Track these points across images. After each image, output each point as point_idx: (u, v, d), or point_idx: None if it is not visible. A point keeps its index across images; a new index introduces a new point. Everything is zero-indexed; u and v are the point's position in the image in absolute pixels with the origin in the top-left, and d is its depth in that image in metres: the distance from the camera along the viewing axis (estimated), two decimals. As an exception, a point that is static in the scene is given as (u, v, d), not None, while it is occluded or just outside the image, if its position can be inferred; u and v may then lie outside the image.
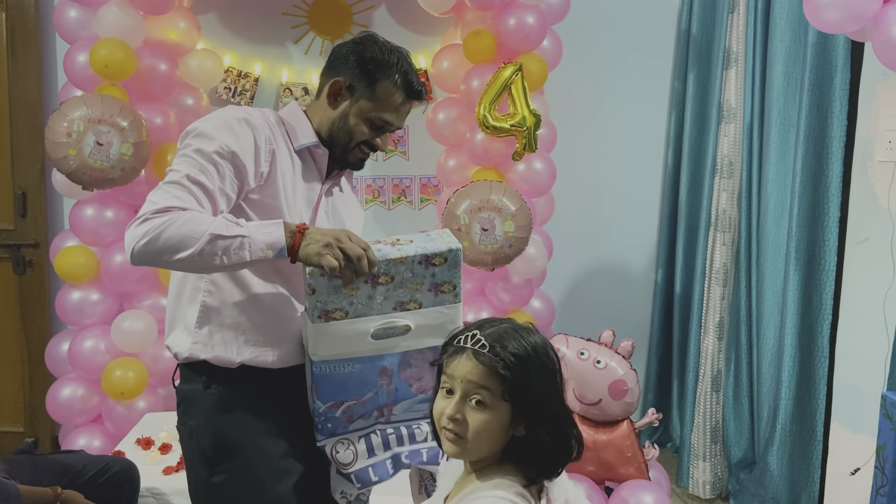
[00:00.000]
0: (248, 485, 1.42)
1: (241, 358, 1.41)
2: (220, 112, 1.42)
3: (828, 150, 2.56)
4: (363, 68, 1.46)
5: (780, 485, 2.69)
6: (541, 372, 1.13)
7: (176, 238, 1.25)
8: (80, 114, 2.55)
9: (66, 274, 2.81)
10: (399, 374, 1.43)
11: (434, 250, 1.38)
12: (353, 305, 1.36)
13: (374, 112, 1.47)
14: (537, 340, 1.16)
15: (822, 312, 2.61)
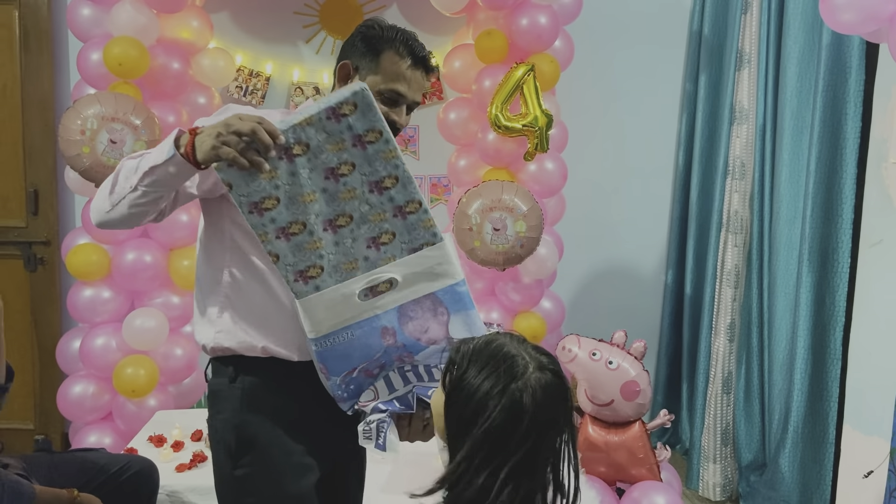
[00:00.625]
0: (268, 479, 1.43)
1: (263, 343, 1.41)
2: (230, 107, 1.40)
3: (842, 151, 2.55)
4: (366, 45, 1.46)
5: (792, 487, 2.68)
6: (484, 386, 1.02)
7: (108, 181, 1.34)
8: (94, 112, 2.56)
9: (78, 271, 2.81)
10: (402, 330, 1.36)
11: (338, 99, 1.24)
12: (279, 189, 1.24)
13: (382, 84, 1.44)
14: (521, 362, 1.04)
15: (835, 314, 2.60)
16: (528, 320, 2.98)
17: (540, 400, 1.02)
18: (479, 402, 1.02)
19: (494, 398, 1.01)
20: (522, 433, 1.01)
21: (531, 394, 1.02)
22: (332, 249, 1.30)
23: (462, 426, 1.03)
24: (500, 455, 1.01)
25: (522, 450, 1.01)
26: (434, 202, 3.38)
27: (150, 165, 1.25)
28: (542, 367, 1.05)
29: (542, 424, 1.02)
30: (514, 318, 3.02)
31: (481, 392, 1.02)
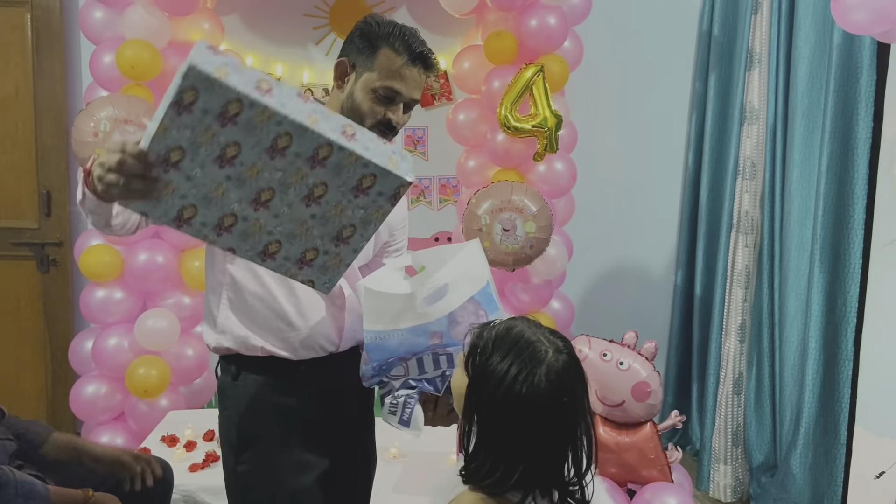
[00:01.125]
0: (268, 475, 1.44)
1: (261, 343, 1.43)
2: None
3: (853, 151, 2.54)
4: (363, 41, 1.43)
5: (803, 488, 2.67)
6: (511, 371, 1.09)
7: None
8: (107, 114, 2.58)
9: (91, 272, 2.83)
10: (449, 333, 1.40)
11: (175, 91, 1.07)
12: (186, 197, 1.17)
13: (378, 82, 1.41)
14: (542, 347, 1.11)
15: (846, 315, 2.59)
16: (537, 321, 2.98)
17: (561, 382, 1.10)
18: (507, 387, 1.08)
19: (520, 383, 1.08)
20: (547, 413, 1.09)
21: (554, 376, 1.09)
22: (274, 223, 1.23)
23: (491, 410, 1.10)
24: (524, 435, 1.09)
25: (543, 426, 1.09)
26: (443, 203, 3.39)
27: (78, 199, 1.28)
28: (559, 351, 1.12)
29: (564, 404, 1.10)
30: (523, 319, 3.02)
31: (509, 377, 1.09)
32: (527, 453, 1.09)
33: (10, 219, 3.20)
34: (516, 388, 1.08)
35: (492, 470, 1.10)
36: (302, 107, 1.15)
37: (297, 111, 1.14)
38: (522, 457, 1.09)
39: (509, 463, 1.09)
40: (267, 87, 1.12)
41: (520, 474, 1.09)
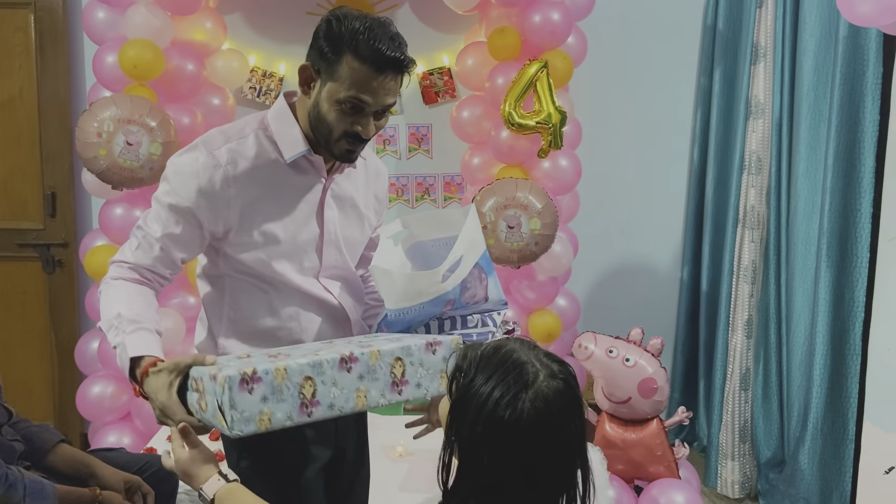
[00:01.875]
0: (271, 469, 1.45)
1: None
2: (189, 161, 1.37)
3: (860, 144, 2.53)
4: (326, 45, 1.30)
5: (812, 484, 2.66)
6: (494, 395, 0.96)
7: (100, 313, 1.38)
8: (110, 114, 2.58)
9: (96, 273, 2.83)
10: (460, 299, 1.48)
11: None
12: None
13: (343, 93, 1.30)
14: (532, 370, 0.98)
15: (854, 310, 2.57)
16: (543, 318, 2.97)
17: (551, 409, 0.96)
18: (489, 412, 0.96)
19: (503, 408, 0.96)
20: (532, 444, 0.96)
21: (542, 402, 0.96)
22: None
23: (471, 438, 0.98)
24: (506, 469, 0.97)
25: (530, 460, 0.97)
26: (448, 200, 3.38)
27: (115, 352, 1.32)
28: (553, 376, 0.99)
29: (554, 436, 0.98)
30: (529, 316, 3.01)
31: (491, 401, 0.96)
32: (511, 491, 0.97)
33: (16, 220, 3.20)
34: (498, 412, 0.95)
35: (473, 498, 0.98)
36: (346, 387, 1.17)
37: (345, 400, 1.17)
38: (506, 495, 0.97)
39: (491, 502, 0.97)
40: (311, 394, 1.14)
41: None
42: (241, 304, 1.46)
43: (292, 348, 1.32)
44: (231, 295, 1.46)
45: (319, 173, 1.46)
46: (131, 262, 1.39)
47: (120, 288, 1.37)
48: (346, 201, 1.52)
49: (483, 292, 1.49)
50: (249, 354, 1.27)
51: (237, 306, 1.46)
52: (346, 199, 1.52)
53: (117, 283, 1.38)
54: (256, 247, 1.42)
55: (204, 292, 1.51)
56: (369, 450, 1.73)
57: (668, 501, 2.20)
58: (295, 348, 1.31)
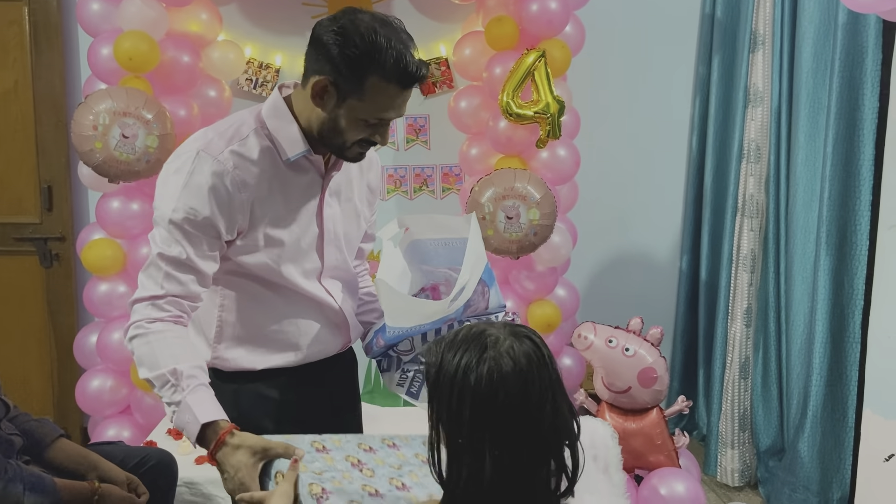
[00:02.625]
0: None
1: (261, 366, 1.43)
2: (195, 171, 1.32)
3: (859, 132, 2.52)
4: (347, 63, 1.25)
5: (811, 472, 2.66)
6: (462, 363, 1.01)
7: (142, 362, 1.29)
8: (106, 107, 2.56)
9: (93, 267, 2.83)
10: (462, 316, 1.46)
11: None
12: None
13: (369, 114, 1.30)
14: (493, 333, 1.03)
15: (853, 297, 2.57)
16: (542, 308, 2.97)
17: (517, 366, 1.00)
18: (459, 382, 1.00)
19: (470, 372, 0.99)
20: (505, 400, 0.99)
21: (508, 359, 1.00)
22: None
23: (449, 415, 1.01)
24: (488, 428, 0.99)
25: (509, 417, 0.99)
26: (446, 192, 3.37)
27: (170, 409, 1.28)
28: (516, 335, 1.03)
29: (525, 389, 1.00)
30: (528, 307, 3.01)
31: (459, 372, 1.00)
32: (497, 461, 0.99)
33: (12, 214, 3.19)
34: (467, 379, 0.99)
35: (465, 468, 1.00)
36: (385, 476, 1.26)
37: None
38: (495, 467, 0.99)
39: (478, 457, 0.99)
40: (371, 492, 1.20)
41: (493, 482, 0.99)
42: (237, 309, 1.42)
43: (366, 456, 1.32)
44: (226, 299, 1.43)
45: (319, 172, 1.44)
46: (163, 294, 1.30)
47: (164, 335, 1.29)
48: (342, 196, 1.50)
49: (485, 304, 1.48)
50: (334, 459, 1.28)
51: (233, 311, 1.43)
52: (343, 195, 1.50)
53: (156, 327, 1.29)
54: (260, 249, 1.39)
55: None
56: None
57: (669, 490, 2.20)
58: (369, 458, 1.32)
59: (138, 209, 2.81)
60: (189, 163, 1.32)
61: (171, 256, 1.31)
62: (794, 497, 2.71)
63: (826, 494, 2.66)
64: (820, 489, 2.66)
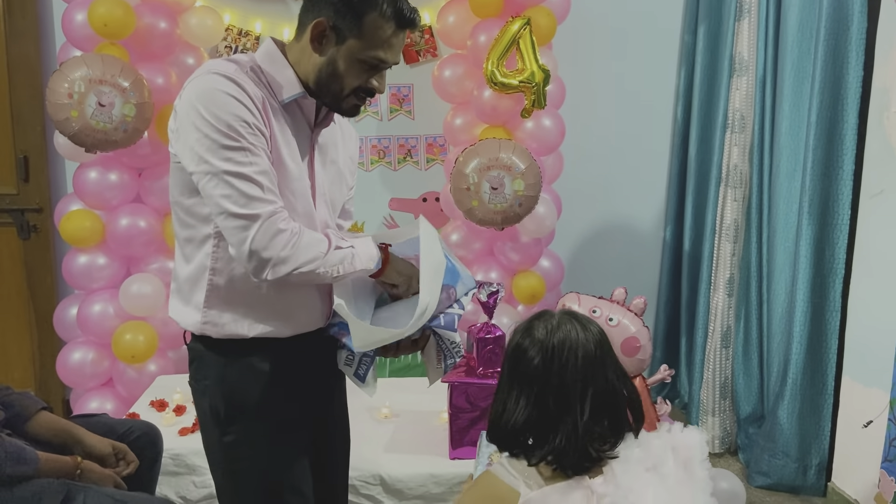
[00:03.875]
0: (259, 443, 1.43)
1: (252, 333, 1.39)
2: (212, 84, 1.28)
3: (843, 101, 2.51)
4: (346, 3, 1.30)
5: (791, 438, 2.70)
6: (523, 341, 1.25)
7: (304, 259, 1.30)
8: (81, 74, 2.50)
9: (72, 238, 2.79)
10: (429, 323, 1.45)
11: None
12: None
13: (366, 52, 1.32)
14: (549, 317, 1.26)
15: (834, 267, 2.59)
16: (527, 279, 2.97)
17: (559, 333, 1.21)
18: (516, 347, 1.23)
19: (524, 339, 1.23)
20: (563, 364, 1.19)
21: (555, 327, 1.22)
22: None
23: (510, 379, 1.24)
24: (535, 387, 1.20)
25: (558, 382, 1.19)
26: (430, 162, 3.34)
27: (357, 268, 1.37)
28: (569, 314, 1.25)
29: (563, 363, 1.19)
30: (513, 278, 3.01)
31: (525, 342, 1.22)
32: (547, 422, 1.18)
33: (-12, 185, 3.13)
34: (523, 344, 1.21)
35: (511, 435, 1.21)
36: None
37: None
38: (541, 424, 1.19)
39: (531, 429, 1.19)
40: None
41: (537, 443, 1.19)
42: (228, 272, 1.36)
43: None
44: (218, 262, 1.36)
45: (308, 120, 1.42)
46: (278, 202, 1.29)
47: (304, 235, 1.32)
48: (327, 157, 1.48)
49: (450, 301, 1.47)
50: None
51: (224, 274, 1.37)
52: (328, 156, 1.48)
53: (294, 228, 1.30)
54: None
55: (188, 257, 1.40)
56: (355, 411, 1.74)
57: (651, 457, 2.23)
58: None
59: (116, 180, 2.77)
60: (209, 85, 1.28)
61: (253, 164, 1.27)
62: (774, 463, 2.75)
63: (805, 460, 2.71)
64: (799, 455, 2.71)
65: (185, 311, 1.41)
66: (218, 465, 1.47)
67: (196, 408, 1.48)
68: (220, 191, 1.25)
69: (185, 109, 1.28)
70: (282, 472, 1.45)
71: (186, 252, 1.39)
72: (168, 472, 2.18)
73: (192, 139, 1.27)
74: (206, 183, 1.27)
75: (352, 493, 2.17)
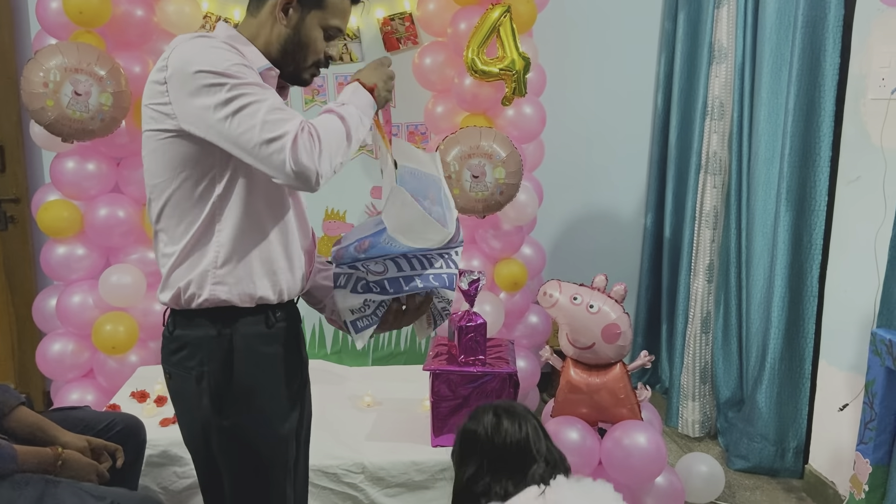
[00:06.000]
0: (259, 425, 1.44)
1: (260, 293, 1.40)
2: (199, 44, 1.30)
3: (820, 88, 2.53)
4: None
5: (769, 422, 2.74)
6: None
7: (335, 141, 1.30)
8: (56, 63, 2.47)
9: (50, 229, 2.76)
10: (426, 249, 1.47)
11: None
12: None
13: (329, 20, 1.41)
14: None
15: (811, 252, 2.62)
16: (508, 267, 2.98)
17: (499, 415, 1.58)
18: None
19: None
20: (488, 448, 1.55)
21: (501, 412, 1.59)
22: None
23: None
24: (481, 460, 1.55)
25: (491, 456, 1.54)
26: (412, 150, 3.33)
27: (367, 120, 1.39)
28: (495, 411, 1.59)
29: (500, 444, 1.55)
30: (494, 266, 3.02)
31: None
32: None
33: (-37, 175, 3.09)
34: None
35: None
36: None
37: None
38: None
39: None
40: None
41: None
42: (234, 235, 1.36)
43: None
44: (225, 227, 1.36)
45: None
46: (298, 115, 1.29)
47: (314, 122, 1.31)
48: None
49: (427, 203, 1.47)
50: None
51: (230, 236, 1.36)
52: None
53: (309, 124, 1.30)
54: None
55: (182, 230, 1.38)
56: (338, 399, 1.75)
57: (631, 442, 2.24)
58: None
59: (94, 169, 2.74)
60: (198, 46, 1.30)
61: (261, 96, 1.27)
62: (752, 446, 2.79)
63: (782, 443, 2.75)
64: (777, 438, 2.75)
65: (183, 280, 1.39)
66: (210, 453, 1.46)
67: (183, 393, 1.46)
68: (242, 127, 1.25)
69: (180, 77, 1.27)
70: (277, 454, 1.47)
71: (177, 233, 1.38)
72: (150, 463, 2.17)
73: (199, 100, 1.26)
74: (227, 128, 1.26)
75: (333, 481, 2.19)
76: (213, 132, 1.27)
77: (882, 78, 2.29)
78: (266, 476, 1.46)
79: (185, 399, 1.46)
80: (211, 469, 1.49)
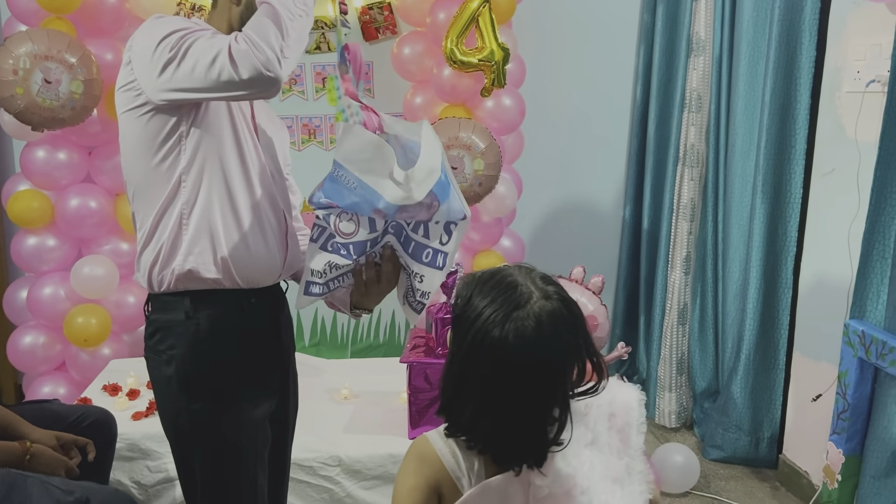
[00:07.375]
0: (227, 410, 1.42)
1: (225, 274, 1.39)
2: (157, 21, 1.33)
3: (796, 81, 2.55)
4: None
5: (744, 412, 2.77)
6: (485, 313, 1.01)
7: (268, 30, 1.26)
8: (26, 50, 2.42)
9: (20, 219, 2.71)
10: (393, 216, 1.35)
11: None
12: None
13: None
14: (525, 290, 1.02)
15: (786, 244, 2.65)
16: (487, 259, 2.98)
17: (542, 329, 0.98)
18: (480, 329, 0.99)
19: (498, 325, 0.98)
20: (523, 363, 0.98)
21: (533, 322, 0.98)
22: None
23: (467, 351, 1.01)
24: (502, 382, 0.99)
25: (524, 378, 0.99)
26: (390, 141, 3.30)
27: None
28: (547, 296, 1.01)
29: (547, 355, 0.99)
30: (473, 258, 3.01)
31: (482, 319, 0.99)
32: (500, 410, 1.01)
33: (-70, 165, 3.02)
34: (489, 331, 0.98)
35: (456, 413, 1.04)
36: None
37: None
38: (496, 415, 1.01)
39: (473, 413, 1.02)
40: None
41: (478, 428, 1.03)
42: (200, 212, 1.36)
43: None
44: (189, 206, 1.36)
45: None
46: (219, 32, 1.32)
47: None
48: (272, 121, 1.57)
49: (430, 213, 1.36)
50: None
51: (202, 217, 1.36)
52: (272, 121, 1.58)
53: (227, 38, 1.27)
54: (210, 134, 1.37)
55: (149, 209, 1.38)
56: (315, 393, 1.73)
57: (608, 434, 2.26)
58: None
59: (65, 159, 2.69)
60: (157, 21, 1.33)
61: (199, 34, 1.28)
62: (727, 436, 2.82)
63: (757, 433, 2.78)
64: (751, 428, 2.77)
65: (161, 256, 1.38)
66: (181, 438, 1.45)
67: (156, 377, 1.45)
68: (187, 66, 1.26)
69: (141, 54, 1.31)
70: (247, 440, 1.45)
71: (147, 213, 1.38)
72: (121, 457, 2.14)
73: (158, 68, 1.28)
74: (182, 76, 1.27)
75: (309, 475, 2.17)
76: (175, 92, 1.29)
77: (857, 71, 2.31)
78: (236, 463, 1.45)
79: (159, 384, 1.45)
80: (187, 458, 1.48)
